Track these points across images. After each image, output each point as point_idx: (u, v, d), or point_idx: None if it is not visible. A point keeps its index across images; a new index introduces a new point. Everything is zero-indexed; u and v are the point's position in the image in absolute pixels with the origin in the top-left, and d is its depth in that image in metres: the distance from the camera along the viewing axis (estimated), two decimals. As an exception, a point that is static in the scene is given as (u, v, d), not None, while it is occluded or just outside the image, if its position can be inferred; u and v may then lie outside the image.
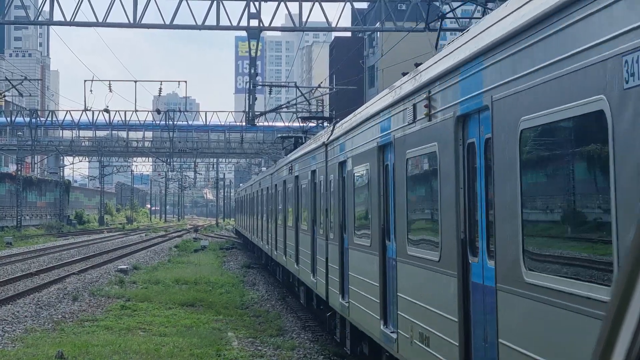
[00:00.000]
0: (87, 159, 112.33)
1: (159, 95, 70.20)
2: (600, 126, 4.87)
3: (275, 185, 28.59)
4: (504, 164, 6.40)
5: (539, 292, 5.73)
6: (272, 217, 29.71)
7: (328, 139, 16.38)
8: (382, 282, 11.29)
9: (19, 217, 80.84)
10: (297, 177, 22.11)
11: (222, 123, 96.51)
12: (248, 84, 40.73)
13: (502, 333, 6.49)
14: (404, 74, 11.01)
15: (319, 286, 17.64)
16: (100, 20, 35.60)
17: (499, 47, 6.61)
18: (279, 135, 45.48)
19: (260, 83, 50.38)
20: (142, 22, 35.61)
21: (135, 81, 74.55)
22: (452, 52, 8.25)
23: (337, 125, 16.17)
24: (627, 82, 4.62)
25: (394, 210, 10.44)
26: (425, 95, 8.82)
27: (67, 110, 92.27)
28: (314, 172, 18.65)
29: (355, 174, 13.11)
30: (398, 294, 10.17)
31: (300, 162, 21.36)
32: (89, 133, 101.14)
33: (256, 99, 41.39)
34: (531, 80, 5.89)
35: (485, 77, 6.93)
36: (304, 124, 38.91)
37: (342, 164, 14.50)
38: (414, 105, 9.34)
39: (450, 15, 34.00)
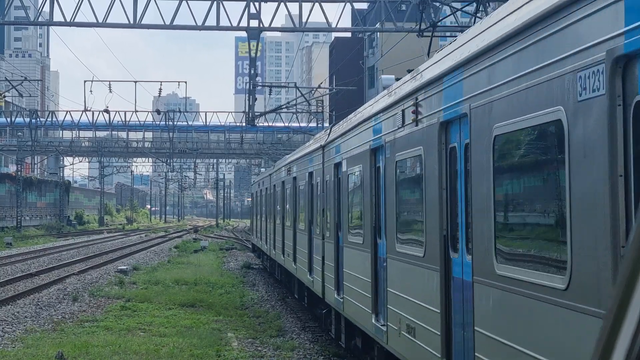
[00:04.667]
0: (87, 160, 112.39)
1: (159, 95, 70.19)
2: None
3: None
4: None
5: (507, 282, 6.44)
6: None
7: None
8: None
9: (18, 217, 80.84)
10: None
11: (222, 123, 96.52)
12: (248, 84, 40.72)
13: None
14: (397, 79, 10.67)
15: None
16: (100, 20, 35.60)
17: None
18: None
19: (260, 83, 50.39)
20: (142, 22, 35.62)
21: (135, 81, 74.64)
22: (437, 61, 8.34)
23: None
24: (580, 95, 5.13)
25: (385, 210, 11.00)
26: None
27: (67, 111, 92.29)
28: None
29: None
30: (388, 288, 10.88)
31: None
32: (88, 133, 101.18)
33: (256, 99, 41.38)
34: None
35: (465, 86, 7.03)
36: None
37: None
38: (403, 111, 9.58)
39: (446, 19, 34.03)
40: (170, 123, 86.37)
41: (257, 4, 35.51)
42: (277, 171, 28.21)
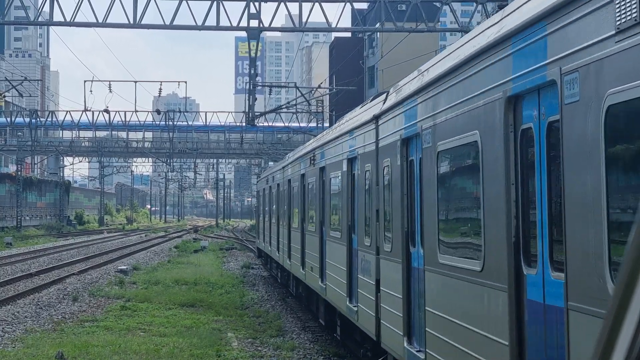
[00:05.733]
0: (87, 160, 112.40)
1: (159, 95, 70.20)
2: None
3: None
4: None
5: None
6: None
7: None
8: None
9: (18, 217, 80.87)
10: None
11: (222, 123, 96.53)
12: (248, 84, 40.73)
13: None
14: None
15: None
16: (100, 20, 35.59)
17: None
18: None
19: (260, 83, 50.41)
20: (142, 22, 35.59)
21: (135, 81, 74.61)
22: None
23: None
24: None
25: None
26: None
27: (67, 111, 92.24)
28: None
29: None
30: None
31: None
32: (88, 133, 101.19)
33: (256, 99, 41.39)
34: None
35: None
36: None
37: None
38: None
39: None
40: (170, 123, 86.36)
41: (257, 4, 35.50)
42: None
